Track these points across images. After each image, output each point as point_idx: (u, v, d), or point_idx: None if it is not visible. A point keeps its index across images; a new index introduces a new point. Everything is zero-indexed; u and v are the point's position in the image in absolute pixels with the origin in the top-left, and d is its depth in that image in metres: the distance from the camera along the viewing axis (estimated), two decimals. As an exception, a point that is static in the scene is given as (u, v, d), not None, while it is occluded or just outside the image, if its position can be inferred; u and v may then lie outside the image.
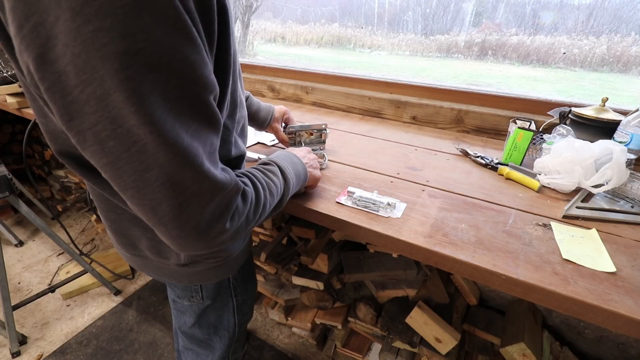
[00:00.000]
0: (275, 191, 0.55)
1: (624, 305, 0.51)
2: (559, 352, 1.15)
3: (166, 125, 0.34)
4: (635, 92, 1.23)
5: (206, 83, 0.37)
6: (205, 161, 0.39)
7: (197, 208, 0.40)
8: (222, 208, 0.42)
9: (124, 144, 0.34)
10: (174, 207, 0.38)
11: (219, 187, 0.41)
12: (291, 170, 0.62)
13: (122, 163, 0.35)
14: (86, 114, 0.33)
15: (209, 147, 0.40)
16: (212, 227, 0.42)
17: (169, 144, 0.35)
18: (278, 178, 0.58)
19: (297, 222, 1.34)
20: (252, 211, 0.48)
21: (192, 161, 0.37)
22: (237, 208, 0.45)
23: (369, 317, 1.29)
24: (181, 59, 0.33)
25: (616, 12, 1.17)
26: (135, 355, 1.46)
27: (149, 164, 0.35)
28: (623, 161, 0.75)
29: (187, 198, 0.39)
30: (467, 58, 1.49)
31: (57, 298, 1.74)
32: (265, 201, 0.52)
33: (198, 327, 0.79)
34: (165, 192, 0.37)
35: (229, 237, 0.46)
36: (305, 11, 1.86)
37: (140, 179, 0.36)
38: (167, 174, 0.36)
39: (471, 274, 0.60)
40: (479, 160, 0.99)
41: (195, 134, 0.38)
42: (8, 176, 1.37)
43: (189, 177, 0.38)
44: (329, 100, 1.51)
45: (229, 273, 0.70)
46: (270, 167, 0.59)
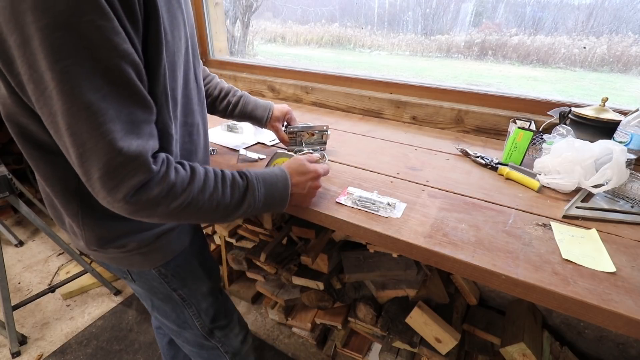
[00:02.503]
0: (217, 201, 0.56)
1: (624, 305, 0.51)
2: (559, 352, 1.15)
3: (71, 78, 0.39)
4: (635, 92, 1.23)
5: (117, 49, 0.41)
6: (111, 125, 0.42)
7: (95, 164, 0.43)
8: (121, 176, 0.44)
9: (39, 88, 0.40)
10: (77, 155, 0.43)
11: (116, 152, 0.43)
12: (262, 193, 0.62)
13: (41, 104, 0.42)
14: (16, 58, 0.40)
15: (127, 116, 0.44)
16: (112, 190, 0.45)
17: (68, 94, 0.39)
18: (235, 192, 0.58)
19: (297, 222, 1.34)
20: (169, 200, 0.50)
21: (92, 118, 0.41)
22: (144, 186, 0.47)
23: (369, 317, 1.29)
24: (88, 21, 0.38)
25: (616, 12, 1.17)
26: (135, 355, 1.46)
27: (55, 110, 0.41)
28: (623, 161, 0.75)
29: (86, 151, 0.42)
30: (467, 58, 1.49)
31: (57, 298, 1.74)
32: (194, 201, 0.53)
33: (157, 313, 0.81)
34: (68, 139, 0.42)
35: (137, 210, 0.48)
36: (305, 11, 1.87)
37: (53, 122, 0.42)
38: (67, 123, 0.41)
39: (471, 274, 0.60)
40: (479, 160, 0.99)
41: (108, 96, 0.42)
42: (8, 176, 1.37)
43: (86, 131, 0.41)
44: (329, 100, 1.51)
45: (146, 265, 0.69)
46: (236, 180, 0.59)
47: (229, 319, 0.90)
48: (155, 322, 1.10)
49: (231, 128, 1.19)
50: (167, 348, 1.09)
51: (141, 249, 0.65)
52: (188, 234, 0.75)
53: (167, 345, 1.08)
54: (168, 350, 1.09)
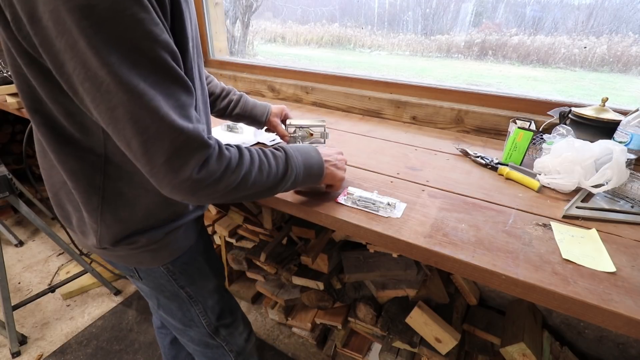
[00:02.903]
0: (267, 171, 0.59)
1: (624, 305, 0.51)
2: (559, 352, 1.15)
3: (122, 70, 0.40)
4: (635, 92, 1.23)
5: (157, 39, 0.43)
6: (164, 107, 0.44)
7: (160, 148, 0.45)
8: (186, 154, 0.46)
9: (95, 85, 0.41)
10: (141, 143, 0.44)
11: (178, 132, 0.45)
12: (300, 161, 0.65)
13: (98, 102, 0.42)
14: (67, 60, 0.41)
15: (175, 101, 0.46)
16: (178, 171, 0.46)
17: (124, 83, 0.41)
18: (279, 162, 0.61)
19: (297, 222, 1.34)
20: (228, 174, 0.52)
21: (147, 103, 0.42)
22: (206, 162, 0.49)
23: (369, 317, 1.29)
24: (130, 14, 0.40)
25: (616, 12, 1.17)
26: (135, 355, 1.46)
27: (115, 103, 0.42)
28: (623, 161, 0.75)
29: (150, 137, 0.44)
30: (467, 58, 1.49)
31: (57, 298, 1.74)
32: (247, 174, 0.55)
33: (163, 311, 0.81)
34: (131, 128, 0.43)
35: (201, 189, 0.50)
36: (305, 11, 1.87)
37: (112, 116, 0.43)
38: (129, 112, 0.42)
39: (471, 274, 0.60)
40: (479, 160, 0.99)
41: (155, 84, 0.43)
42: (8, 176, 1.37)
43: (148, 117, 0.43)
44: (329, 100, 1.51)
45: (155, 262, 0.70)
46: (276, 152, 0.62)
47: (233, 317, 0.90)
48: (156, 322, 1.10)
49: (231, 128, 1.19)
50: (168, 348, 1.09)
51: (150, 245, 0.66)
52: (194, 231, 0.76)
53: (168, 345, 1.08)
54: (169, 350, 1.09)
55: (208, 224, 1.56)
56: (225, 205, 1.49)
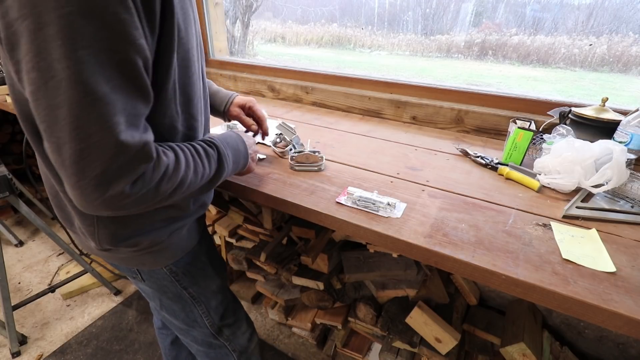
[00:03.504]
0: (201, 173, 0.58)
1: (624, 305, 0.51)
2: (559, 352, 1.15)
3: (87, 68, 0.38)
4: (635, 92, 1.23)
5: (134, 43, 0.41)
6: (118, 117, 0.41)
7: (97, 160, 0.41)
8: (124, 169, 0.43)
9: (43, 77, 0.38)
10: (75, 151, 0.40)
11: (122, 146, 0.42)
12: (231, 158, 0.65)
13: (40, 95, 0.39)
14: (21, 44, 0.38)
15: (131, 109, 0.44)
16: (111, 185, 0.43)
17: (83, 83, 0.38)
18: (212, 162, 0.60)
19: (297, 222, 1.34)
20: (164, 183, 0.50)
21: (101, 110, 0.40)
22: (143, 175, 0.46)
23: (369, 317, 1.29)
24: (112, 13, 0.38)
25: (616, 12, 1.17)
26: (135, 355, 1.46)
27: (60, 101, 0.39)
28: (623, 161, 0.75)
29: (89, 146, 0.40)
30: (467, 58, 1.49)
31: (57, 298, 1.74)
32: (184, 178, 0.53)
33: (166, 312, 0.81)
34: (70, 132, 0.40)
35: (131, 202, 0.47)
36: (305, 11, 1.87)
37: (52, 115, 0.40)
38: (75, 115, 0.39)
39: (471, 274, 0.60)
40: (479, 160, 0.99)
41: (117, 89, 0.41)
42: (8, 176, 1.37)
43: (94, 124, 0.40)
44: (329, 100, 1.51)
45: (158, 264, 0.70)
46: (209, 150, 0.61)
47: (236, 317, 0.91)
48: (157, 322, 1.10)
49: (231, 128, 1.19)
50: (169, 348, 1.09)
51: (153, 247, 0.65)
52: (197, 231, 0.76)
53: (169, 346, 1.08)
54: (170, 350, 1.09)
55: (208, 224, 1.56)
56: (226, 205, 1.49)
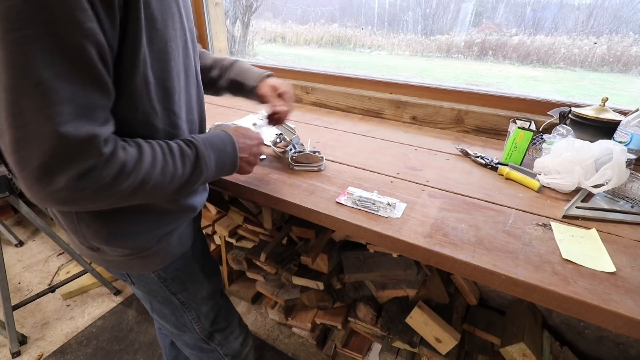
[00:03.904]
0: (171, 173, 0.53)
1: (624, 305, 0.51)
2: (559, 352, 1.15)
3: (25, 50, 0.35)
4: (635, 92, 1.23)
5: (80, 27, 0.38)
6: (61, 107, 0.38)
7: (36, 151, 0.39)
8: (65, 162, 0.40)
9: None
10: (14, 139, 0.38)
11: (62, 138, 0.39)
12: (213, 160, 0.59)
13: None
14: None
15: (82, 99, 0.40)
16: (53, 178, 0.40)
17: (18, 68, 0.35)
18: (186, 163, 0.55)
19: (297, 222, 1.34)
20: (120, 181, 0.46)
21: (41, 97, 0.37)
22: (91, 170, 0.43)
23: (369, 317, 1.29)
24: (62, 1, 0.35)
25: (616, 12, 1.17)
26: (135, 355, 1.46)
27: None
28: (623, 161, 0.75)
29: (27, 135, 0.38)
30: (467, 58, 1.50)
31: (57, 298, 1.74)
32: (146, 178, 0.49)
33: (157, 315, 0.81)
34: (7, 118, 0.37)
35: (81, 197, 0.44)
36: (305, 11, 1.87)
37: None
38: (9, 100, 0.37)
39: (471, 274, 0.60)
40: (479, 160, 0.99)
41: (63, 75, 0.38)
42: (8, 176, 1.37)
43: (31, 110, 0.37)
44: (329, 100, 1.51)
45: (146, 269, 0.69)
46: (185, 150, 0.56)
47: (228, 322, 0.89)
48: (157, 322, 1.10)
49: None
50: (169, 349, 1.09)
51: (141, 252, 0.64)
52: (190, 237, 0.74)
53: (169, 346, 1.08)
54: (170, 351, 1.09)
55: (208, 224, 1.55)
56: (226, 205, 1.49)
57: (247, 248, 1.51)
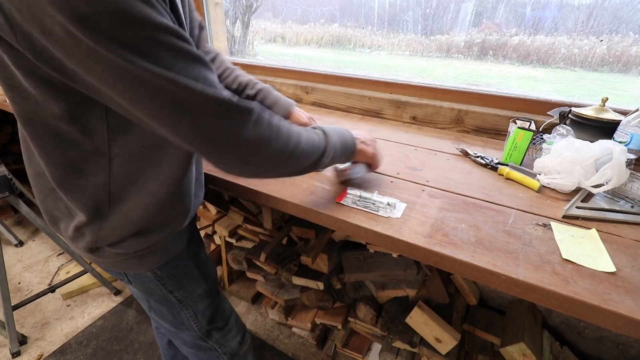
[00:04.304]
0: (312, 145, 0.60)
1: (624, 305, 0.51)
2: (559, 352, 1.15)
3: (147, 64, 0.41)
4: (635, 92, 1.23)
5: (167, 28, 0.42)
6: (198, 83, 0.45)
7: (208, 121, 0.46)
8: (230, 119, 0.48)
9: (127, 83, 0.42)
10: (190, 123, 0.46)
11: (217, 100, 0.46)
12: (336, 139, 0.67)
13: (136, 98, 0.44)
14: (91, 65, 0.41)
15: (203, 79, 0.46)
16: (230, 138, 0.49)
17: (156, 74, 0.42)
18: (320, 138, 0.63)
19: (297, 222, 1.34)
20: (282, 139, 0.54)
21: (183, 86, 0.43)
22: (258, 119, 0.50)
23: (369, 317, 1.29)
24: (136, 13, 0.39)
25: (616, 12, 1.17)
26: (135, 355, 1.46)
27: (153, 95, 0.43)
28: (623, 161, 0.75)
29: (195, 114, 0.45)
30: (467, 58, 1.50)
31: (57, 298, 1.74)
32: (298, 143, 0.56)
33: (154, 314, 0.81)
34: (176, 111, 0.45)
35: (257, 150, 0.52)
36: (305, 11, 1.87)
37: (155, 107, 0.44)
38: (169, 97, 0.44)
39: (471, 274, 0.60)
40: (479, 160, 0.99)
41: (180, 70, 0.44)
42: (8, 176, 1.37)
43: (187, 97, 0.44)
44: (329, 100, 1.51)
45: (142, 268, 0.70)
46: (315, 129, 0.64)
47: (226, 320, 0.90)
48: (154, 322, 1.10)
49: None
50: (166, 348, 1.09)
51: (137, 252, 0.65)
52: (185, 235, 0.75)
53: (166, 345, 1.09)
54: (168, 350, 1.09)
55: (208, 224, 1.56)
56: (226, 205, 1.49)
57: (247, 248, 1.51)
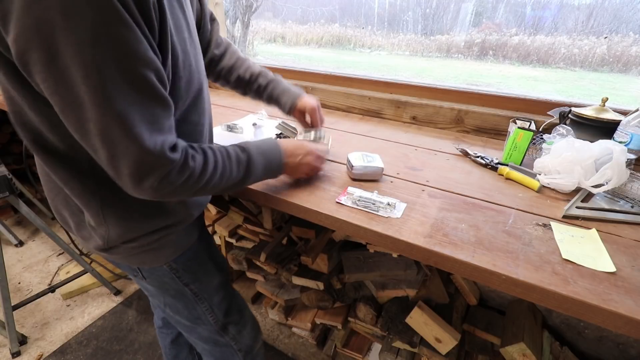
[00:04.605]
0: (227, 177, 0.62)
1: (624, 305, 0.51)
2: (559, 352, 1.15)
3: (102, 90, 0.42)
4: (635, 92, 1.23)
5: (142, 59, 0.44)
6: (139, 128, 0.46)
7: (126, 163, 0.48)
8: (148, 171, 0.50)
9: (65, 100, 0.43)
10: (108, 157, 0.48)
11: (144, 152, 0.48)
12: (261, 164, 0.68)
13: (67, 113, 0.45)
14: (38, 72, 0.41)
15: (150, 117, 0.48)
16: (142, 181, 0.51)
17: (100, 105, 0.42)
18: (240, 168, 0.64)
19: (297, 222, 1.34)
20: (191, 184, 0.56)
21: (123, 125, 0.45)
22: (167, 176, 0.52)
23: (369, 317, 1.29)
24: (114, 33, 0.40)
25: (616, 12, 1.17)
26: (135, 355, 1.46)
27: (86, 117, 0.44)
28: (623, 161, 0.75)
29: (117, 153, 0.47)
30: (467, 58, 1.50)
31: (57, 298, 1.74)
32: (209, 181, 0.58)
33: (170, 310, 0.82)
34: (100, 142, 0.46)
35: (163, 195, 0.55)
36: (305, 11, 1.87)
37: (82, 128, 0.45)
38: (100, 129, 0.45)
39: (471, 274, 0.60)
40: (479, 160, 0.99)
41: (135, 104, 0.45)
42: (8, 176, 1.37)
43: (118, 136, 0.45)
44: (329, 100, 1.51)
45: (158, 261, 0.71)
46: (239, 156, 0.64)
47: (241, 315, 0.91)
48: (157, 322, 1.10)
49: (231, 128, 1.19)
50: (169, 347, 1.09)
51: (151, 244, 0.66)
52: (196, 228, 0.76)
53: (169, 345, 1.09)
54: (170, 350, 1.09)
55: (208, 224, 1.55)
56: (226, 205, 1.49)
57: (247, 248, 1.51)
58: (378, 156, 0.90)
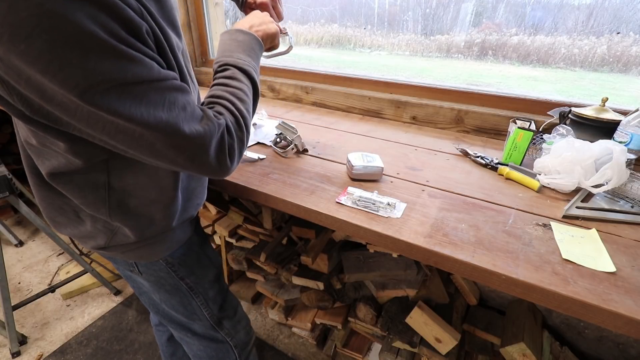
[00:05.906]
0: (245, 92, 0.63)
1: (624, 305, 0.51)
2: (559, 352, 1.15)
3: (143, 115, 0.45)
4: (635, 92, 1.23)
5: (156, 78, 0.46)
6: (186, 125, 0.49)
7: (202, 156, 0.52)
8: (218, 147, 0.54)
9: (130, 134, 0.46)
10: (186, 159, 0.52)
11: (206, 137, 0.52)
12: (245, 57, 0.67)
13: (136, 146, 0.48)
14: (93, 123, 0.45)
15: (189, 107, 0.51)
16: (221, 162, 0.55)
17: (151, 127, 0.46)
18: (240, 78, 0.64)
19: (297, 222, 1.34)
20: (238, 129, 0.58)
21: (175, 131, 0.48)
22: (227, 139, 0.55)
23: (369, 317, 1.29)
24: (132, 76, 0.43)
25: (616, 12, 1.17)
26: (135, 355, 1.46)
27: (151, 142, 0.48)
28: (623, 161, 0.75)
29: (190, 152, 0.51)
30: (467, 58, 1.49)
31: (57, 298, 1.74)
32: (242, 111, 0.60)
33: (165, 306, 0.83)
34: (175, 152, 0.50)
35: (237, 155, 0.59)
36: (305, 11, 1.86)
37: (154, 150, 0.49)
38: (167, 142, 0.49)
39: (471, 274, 0.60)
40: (479, 160, 0.99)
41: (170, 106, 0.48)
42: (8, 176, 1.37)
43: (180, 140, 0.49)
44: (329, 100, 1.51)
45: (155, 256, 0.72)
46: (228, 73, 0.64)
47: (235, 310, 0.92)
48: (154, 319, 1.10)
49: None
50: (166, 345, 1.09)
51: (147, 240, 0.67)
52: (190, 224, 0.77)
53: (166, 342, 1.09)
54: (167, 347, 1.10)
55: (208, 224, 1.55)
56: (226, 205, 1.49)
57: (247, 248, 1.51)
58: (378, 156, 0.90)
